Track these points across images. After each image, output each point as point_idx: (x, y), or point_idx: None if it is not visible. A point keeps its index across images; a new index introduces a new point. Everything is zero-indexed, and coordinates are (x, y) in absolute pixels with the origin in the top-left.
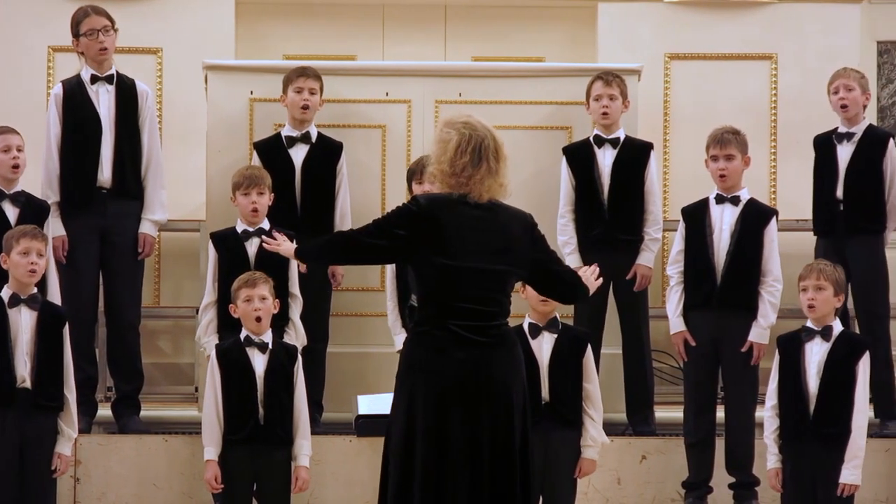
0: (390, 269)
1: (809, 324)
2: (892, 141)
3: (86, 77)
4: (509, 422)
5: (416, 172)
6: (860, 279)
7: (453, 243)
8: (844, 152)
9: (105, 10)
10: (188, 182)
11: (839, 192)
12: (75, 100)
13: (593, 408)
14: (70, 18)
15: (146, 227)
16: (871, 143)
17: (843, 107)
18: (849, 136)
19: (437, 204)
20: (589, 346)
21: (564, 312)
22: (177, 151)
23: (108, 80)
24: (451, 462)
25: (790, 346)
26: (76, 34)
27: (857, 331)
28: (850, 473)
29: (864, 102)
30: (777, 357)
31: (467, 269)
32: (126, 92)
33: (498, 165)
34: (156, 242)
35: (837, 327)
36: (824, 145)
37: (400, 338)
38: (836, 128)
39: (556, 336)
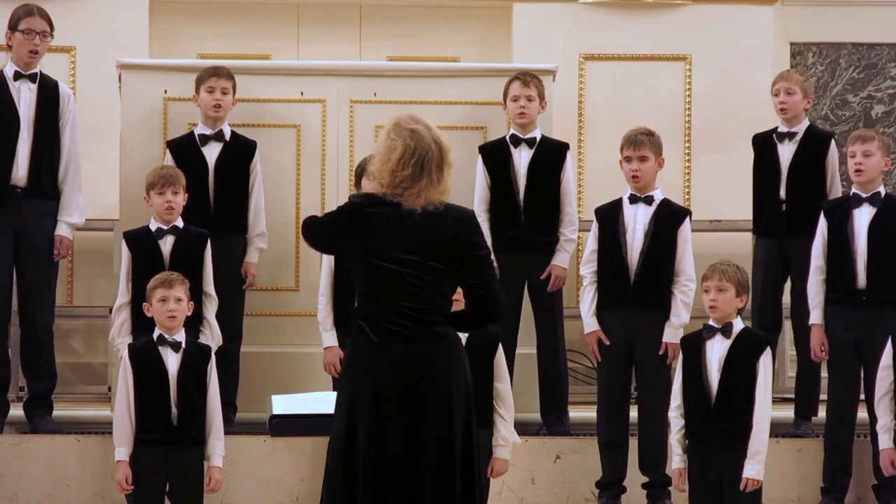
0: (326, 263)
1: (711, 322)
2: (833, 141)
3: (9, 73)
4: (450, 419)
5: (366, 169)
6: (801, 279)
7: (386, 242)
8: (786, 152)
9: (48, 16)
10: (101, 181)
11: (782, 192)
12: None
13: (504, 407)
14: (11, 11)
15: (62, 230)
16: (814, 143)
17: (783, 110)
18: (790, 135)
19: (371, 203)
20: (500, 345)
21: None
22: (90, 150)
23: (32, 78)
24: (392, 461)
25: (692, 346)
26: (13, 27)
27: (793, 329)
28: (752, 468)
29: (805, 106)
30: (680, 357)
31: (399, 269)
32: (48, 92)
33: (441, 175)
34: (72, 245)
35: (738, 325)
36: (765, 144)
37: (327, 334)
38: (776, 127)
39: (466, 336)
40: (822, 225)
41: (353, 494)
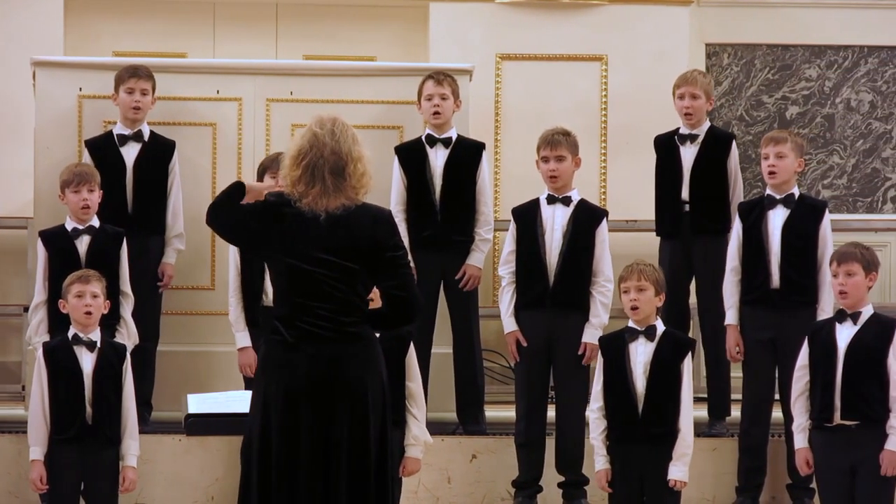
0: (233, 264)
1: (632, 324)
2: (734, 142)
3: None
4: (365, 420)
5: (269, 167)
6: (706, 279)
7: (299, 243)
8: (688, 153)
9: None
10: (15, 179)
11: (685, 194)
12: None
13: (416, 406)
14: None
15: None
16: (715, 144)
17: (688, 115)
18: (692, 137)
19: (284, 203)
20: (412, 344)
21: None
22: (3, 148)
23: None
24: (304, 460)
25: (613, 347)
26: None
27: (700, 330)
28: (679, 470)
29: (707, 108)
30: (600, 359)
31: (313, 269)
32: None
33: (341, 182)
34: None
35: (660, 327)
36: (666, 146)
37: (241, 335)
38: (678, 129)
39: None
40: (737, 226)
41: (269, 494)
